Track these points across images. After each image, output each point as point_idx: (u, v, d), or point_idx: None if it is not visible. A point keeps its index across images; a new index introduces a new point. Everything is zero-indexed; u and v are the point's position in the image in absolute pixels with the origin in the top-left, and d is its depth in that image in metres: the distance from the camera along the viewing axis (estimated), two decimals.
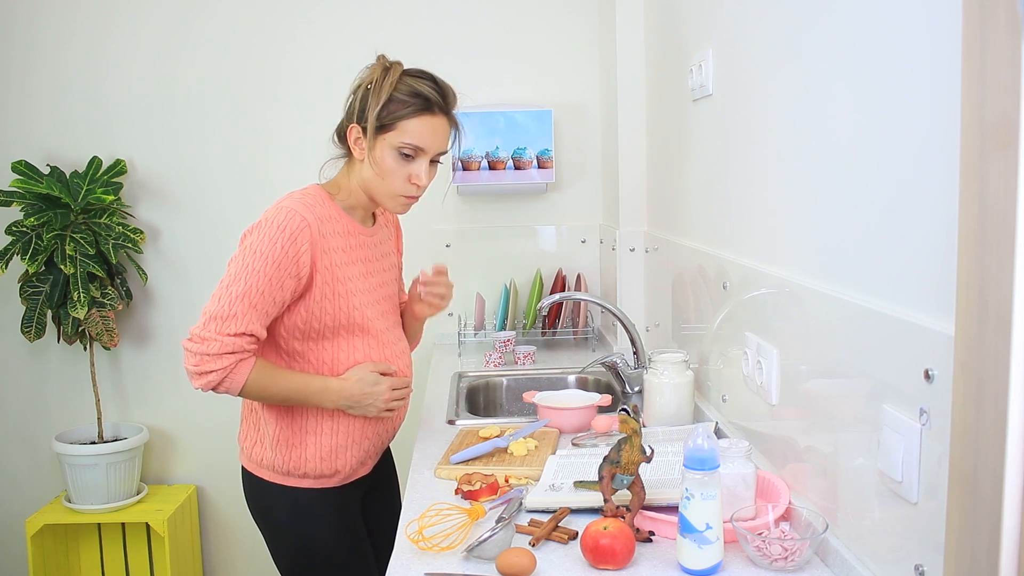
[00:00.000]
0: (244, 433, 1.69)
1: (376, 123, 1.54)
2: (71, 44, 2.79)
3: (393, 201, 1.62)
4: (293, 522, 1.65)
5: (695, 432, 1.19)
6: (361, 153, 1.59)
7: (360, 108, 1.57)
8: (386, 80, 1.54)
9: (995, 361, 0.72)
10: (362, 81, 1.59)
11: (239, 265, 1.52)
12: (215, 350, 1.47)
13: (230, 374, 1.49)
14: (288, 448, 1.61)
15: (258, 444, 1.65)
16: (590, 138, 2.88)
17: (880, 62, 1.05)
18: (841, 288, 1.16)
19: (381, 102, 1.54)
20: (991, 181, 0.72)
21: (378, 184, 1.60)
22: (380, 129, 1.55)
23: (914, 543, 0.97)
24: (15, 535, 2.92)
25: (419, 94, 1.55)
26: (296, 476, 1.63)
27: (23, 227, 2.61)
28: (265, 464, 1.64)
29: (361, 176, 1.62)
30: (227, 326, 1.48)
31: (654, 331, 2.37)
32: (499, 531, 1.23)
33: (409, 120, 1.55)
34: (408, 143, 1.56)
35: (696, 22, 1.89)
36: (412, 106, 1.55)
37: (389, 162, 1.57)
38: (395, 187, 1.59)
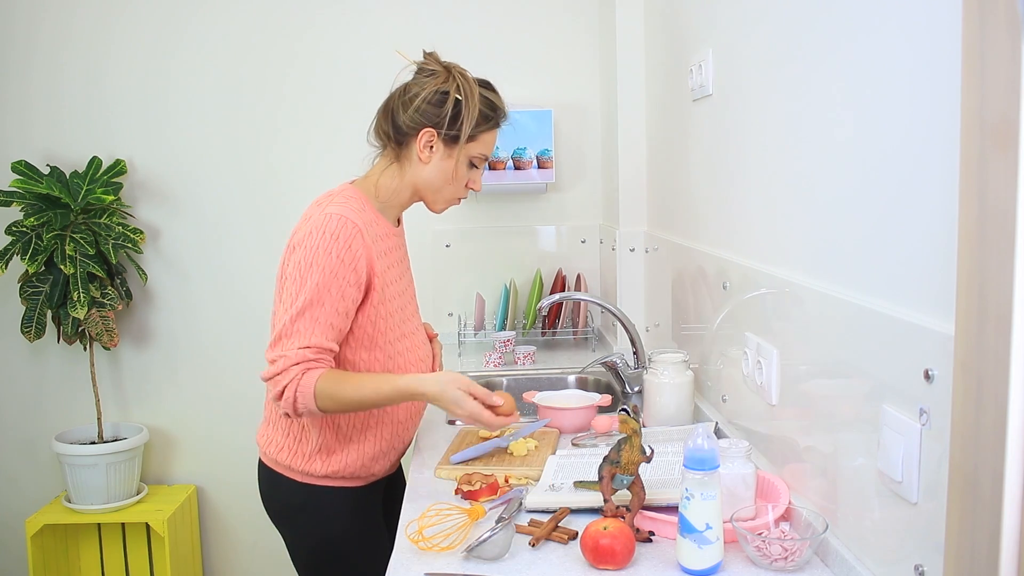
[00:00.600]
0: (269, 437, 1.66)
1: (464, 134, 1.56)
2: (71, 44, 2.79)
3: (446, 204, 1.66)
4: (315, 520, 1.64)
5: (695, 432, 1.19)
6: (429, 157, 1.59)
7: (451, 119, 1.56)
8: (473, 94, 1.57)
9: (995, 361, 0.72)
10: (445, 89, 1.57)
11: (296, 281, 1.49)
12: (281, 366, 1.46)
13: (299, 386, 1.45)
14: (328, 455, 1.61)
15: (286, 449, 1.62)
16: (590, 138, 2.88)
17: (880, 62, 1.05)
18: (841, 288, 1.16)
19: (475, 116, 1.57)
20: (991, 181, 0.72)
21: (439, 188, 1.62)
22: (455, 140, 1.58)
23: (914, 543, 0.97)
24: (15, 535, 2.92)
25: (497, 108, 1.62)
26: (326, 478, 1.62)
27: (23, 227, 2.61)
28: (296, 468, 1.62)
29: (420, 177, 1.61)
30: (291, 344, 1.47)
31: (654, 331, 2.37)
32: (499, 531, 1.23)
33: (488, 133, 1.62)
34: (483, 154, 1.62)
35: (696, 22, 1.89)
36: (492, 120, 1.61)
37: (462, 170, 1.61)
38: (456, 191, 1.64)
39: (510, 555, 1.25)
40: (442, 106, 1.56)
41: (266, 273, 2.84)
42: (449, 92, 1.57)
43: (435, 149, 1.58)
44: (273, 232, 2.86)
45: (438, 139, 1.58)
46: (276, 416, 1.65)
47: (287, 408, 1.46)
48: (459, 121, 1.56)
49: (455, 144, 1.58)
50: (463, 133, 1.56)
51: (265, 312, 2.97)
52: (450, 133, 1.57)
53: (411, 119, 1.58)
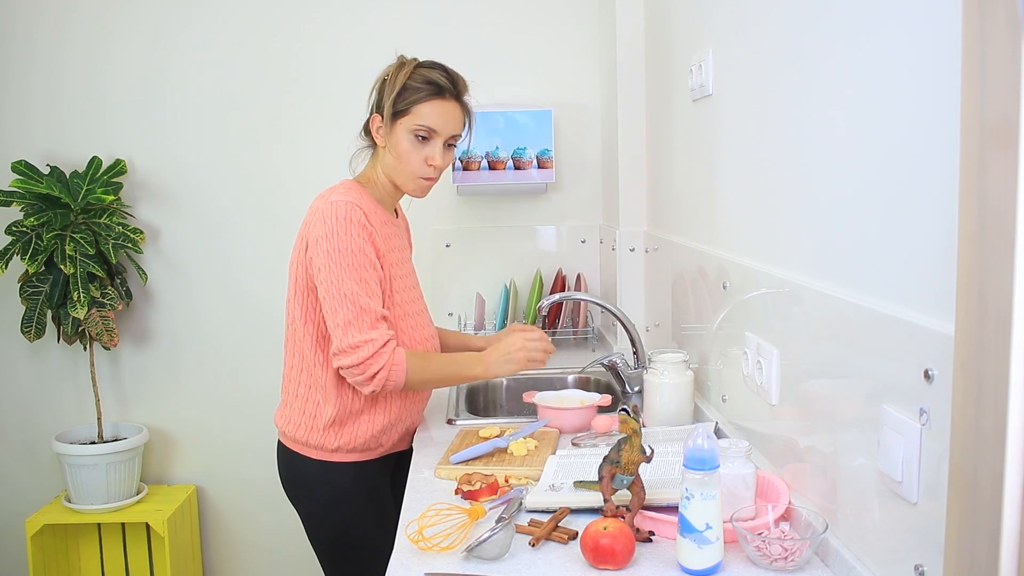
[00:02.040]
0: (287, 417, 1.75)
1: (392, 109, 1.68)
2: (71, 44, 2.79)
3: (413, 183, 1.74)
4: (329, 496, 1.73)
5: (695, 432, 1.19)
6: (382, 140, 1.72)
7: (379, 98, 1.72)
8: (401, 71, 1.69)
9: (995, 361, 0.72)
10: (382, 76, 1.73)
11: (334, 271, 1.60)
12: (370, 350, 1.58)
13: (393, 366, 1.59)
14: (340, 426, 1.71)
15: (303, 426, 1.72)
16: (590, 138, 2.88)
17: (880, 62, 1.05)
18: (841, 288, 1.16)
19: (396, 90, 1.68)
20: (991, 181, 0.72)
21: (398, 167, 1.72)
22: (396, 115, 1.69)
23: (914, 543, 0.97)
24: (15, 535, 2.92)
25: (431, 81, 1.69)
26: (341, 451, 1.71)
27: (23, 227, 2.61)
28: (312, 443, 1.71)
29: (384, 163, 1.74)
30: (363, 322, 1.58)
31: (654, 331, 2.37)
32: (499, 531, 1.23)
33: (422, 104, 1.68)
34: (422, 125, 1.69)
35: (696, 22, 1.89)
36: (424, 91, 1.68)
37: (406, 145, 1.70)
38: (413, 169, 1.71)
39: (510, 555, 1.25)
40: (379, 91, 1.73)
41: (266, 273, 2.85)
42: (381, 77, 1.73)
43: (382, 131, 1.71)
44: (273, 231, 2.87)
45: (382, 121, 1.71)
46: (292, 396, 1.75)
47: (376, 387, 1.59)
48: (382, 97, 1.71)
49: (395, 119, 1.69)
50: (385, 108, 1.69)
51: (265, 312, 2.97)
52: (383, 113, 1.70)
53: (369, 109, 1.76)
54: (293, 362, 1.75)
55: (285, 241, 2.88)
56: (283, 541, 2.92)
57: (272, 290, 2.85)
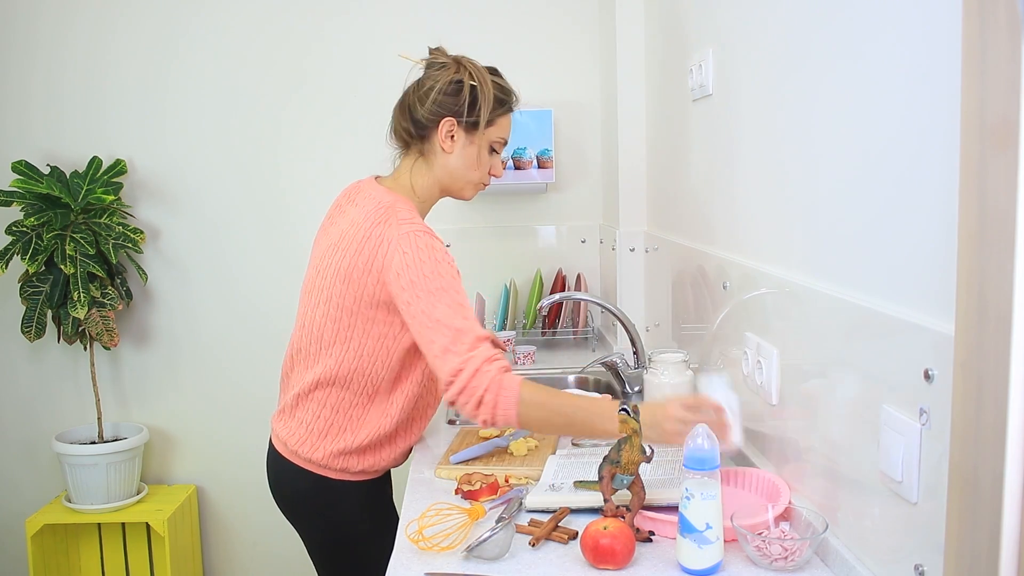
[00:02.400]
0: (298, 436, 1.63)
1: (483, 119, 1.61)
2: (71, 43, 2.79)
3: (471, 189, 1.69)
4: (327, 508, 1.65)
5: (695, 432, 1.19)
6: (451, 146, 1.62)
7: (469, 105, 1.60)
8: (486, 80, 1.62)
9: (995, 361, 0.72)
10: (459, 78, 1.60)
11: (425, 297, 1.46)
12: (471, 369, 1.39)
13: (502, 389, 1.38)
14: (364, 454, 1.62)
15: (320, 449, 1.61)
16: (590, 138, 2.88)
17: (880, 62, 1.05)
18: (841, 288, 1.16)
19: (491, 101, 1.61)
20: (991, 181, 0.72)
21: (464, 175, 1.65)
22: (475, 126, 1.62)
23: (914, 543, 0.97)
24: (15, 535, 2.92)
25: (509, 92, 1.67)
26: (347, 472, 1.63)
27: (23, 227, 2.61)
28: (320, 463, 1.62)
29: (447, 167, 1.64)
30: (463, 343, 1.41)
31: (654, 331, 2.37)
32: (499, 531, 1.23)
33: (504, 117, 1.66)
34: (501, 138, 1.67)
35: (696, 22, 1.89)
36: (506, 104, 1.66)
37: (484, 155, 1.65)
38: (479, 178, 1.67)
39: (510, 555, 1.25)
40: (458, 95, 1.60)
41: (266, 272, 2.85)
42: (463, 80, 1.60)
43: (456, 138, 1.62)
44: (273, 231, 2.87)
45: (458, 127, 1.61)
46: (309, 414, 1.63)
47: (486, 415, 1.39)
48: (476, 107, 1.60)
49: (475, 130, 1.62)
50: (482, 118, 1.61)
51: (266, 312, 2.97)
52: (469, 120, 1.61)
53: (429, 111, 1.61)
54: (320, 384, 1.60)
55: (285, 240, 2.90)
56: (283, 541, 2.91)
57: (273, 290, 2.85)
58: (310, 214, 2.86)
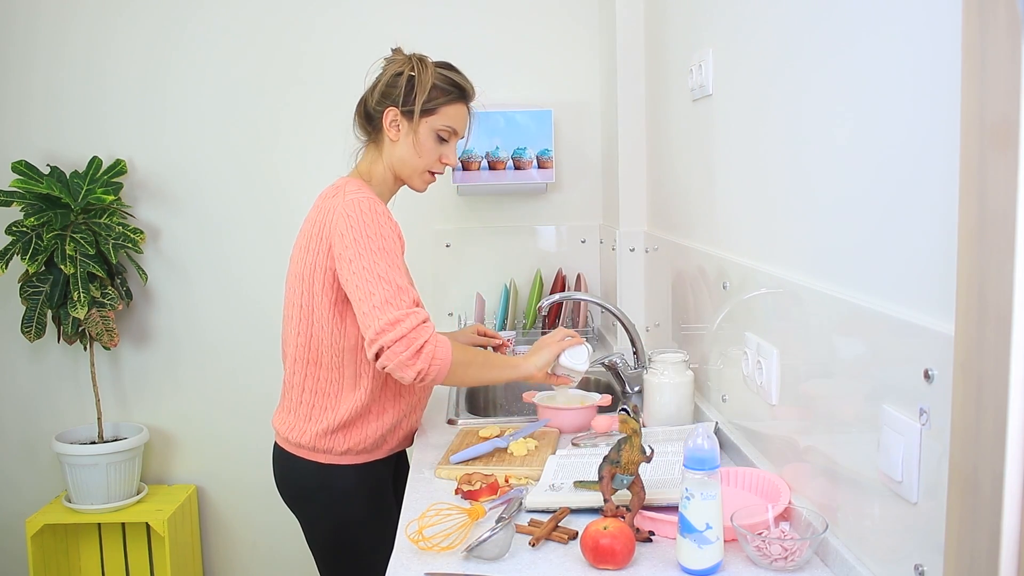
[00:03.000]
0: (289, 423, 1.73)
1: (421, 107, 1.69)
2: (71, 43, 2.79)
3: (421, 178, 1.76)
4: (330, 500, 1.71)
5: (695, 432, 1.19)
6: (397, 135, 1.72)
7: (405, 93, 1.70)
8: (426, 70, 1.71)
9: (995, 361, 0.72)
10: (400, 70, 1.72)
11: (365, 256, 1.54)
12: (414, 322, 1.50)
13: (438, 343, 1.52)
14: (348, 430, 1.69)
15: (308, 432, 1.69)
16: (590, 138, 2.88)
17: (880, 62, 1.05)
18: (841, 288, 1.16)
19: (427, 89, 1.69)
20: (991, 181, 0.72)
21: (413, 162, 1.73)
22: (423, 113, 1.71)
23: (914, 543, 0.97)
24: (15, 535, 2.92)
25: (457, 84, 1.74)
26: (348, 455, 1.70)
27: (23, 227, 2.61)
28: (317, 448, 1.69)
29: (393, 155, 1.74)
30: (404, 300, 1.52)
31: (654, 331, 2.37)
32: (499, 531, 1.23)
33: (448, 107, 1.73)
34: (447, 127, 1.73)
35: (696, 22, 1.89)
36: (451, 94, 1.73)
37: (428, 143, 1.72)
38: (427, 165, 1.74)
39: (510, 555, 1.25)
40: (396, 84, 1.71)
41: (266, 272, 2.85)
42: (403, 71, 1.72)
43: (400, 127, 1.71)
44: (273, 231, 2.87)
45: (401, 116, 1.71)
46: (296, 403, 1.72)
47: (423, 364, 1.49)
48: (412, 95, 1.70)
49: (413, 117, 1.70)
50: (417, 105, 1.69)
51: (266, 312, 2.97)
52: (406, 108, 1.70)
53: (376, 102, 1.73)
54: (296, 368, 1.71)
55: (285, 241, 2.88)
56: (283, 541, 2.92)
57: (273, 290, 2.85)
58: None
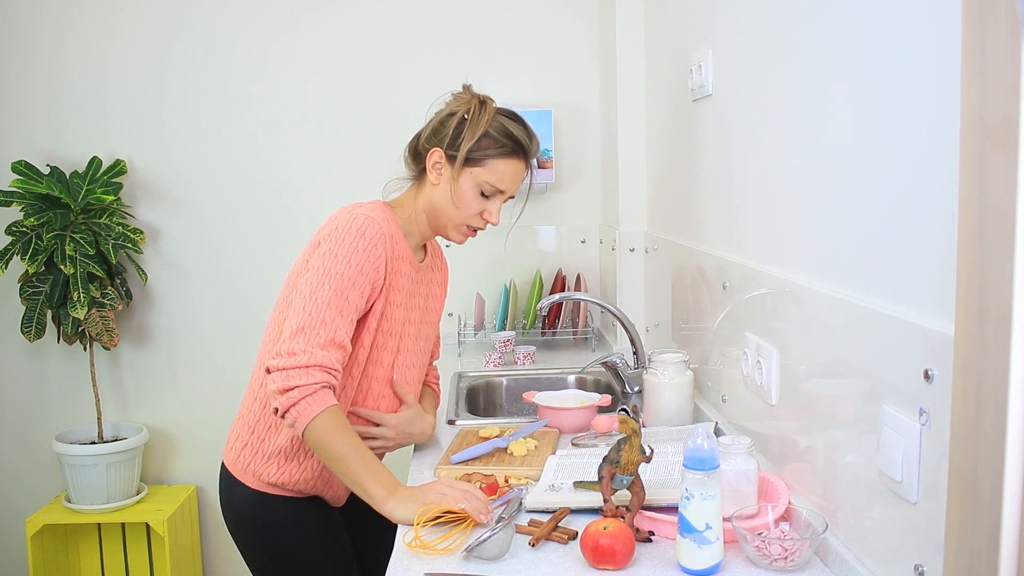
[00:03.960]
0: (236, 432, 1.63)
1: (466, 156, 1.53)
2: (71, 44, 2.79)
3: (456, 231, 1.62)
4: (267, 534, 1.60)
5: (695, 432, 1.19)
6: (438, 178, 1.57)
7: (453, 136, 1.54)
8: (483, 115, 1.54)
9: (995, 361, 0.72)
10: (456, 109, 1.56)
11: (320, 271, 1.45)
12: (303, 362, 1.37)
13: (309, 397, 1.36)
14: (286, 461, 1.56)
15: (249, 447, 1.59)
16: (590, 138, 2.88)
17: (880, 62, 1.05)
18: (841, 288, 1.16)
19: (476, 137, 1.53)
20: (991, 181, 0.72)
21: (449, 211, 1.58)
22: (468, 162, 1.54)
23: (914, 543, 0.97)
24: (15, 535, 2.92)
25: (513, 137, 1.56)
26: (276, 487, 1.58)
27: (23, 227, 2.61)
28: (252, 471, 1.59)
29: (431, 199, 1.59)
30: (316, 336, 1.40)
31: (654, 331, 2.37)
32: (499, 531, 1.23)
33: (498, 160, 1.55)
34: (491, 183, 1.56)
35: (696, 22, 1.89)
36: (504, 147, 1.55)
37: (469, 195, 1.56)
38: (466, 218, 1.59)
39: (510, 555, 1.25)
40: (446, 125, 1.56)
41: (266, 272, 2.85)
42: (458, 111, 1.56)
43: (443, 171, 1.56)
44: (273, 232, 2.87)
45: (445, 160, 1.56)
46: (246, 410, 1.61)
47: (282, 404, 1.37)
48: (460, 140, 1.54)
49: (466, 165, 1.55)
50: (461, 151, 1.53)
51: (265, 312, 2.97)
52: (452, 152, 1.55)
53: (425, 139, 1.59)
54: (259, 373, 1.59)
55: (285, 241, 2.90)
56: None
57: (273, 290, 2.84)
58: (310, 214, 2.86)
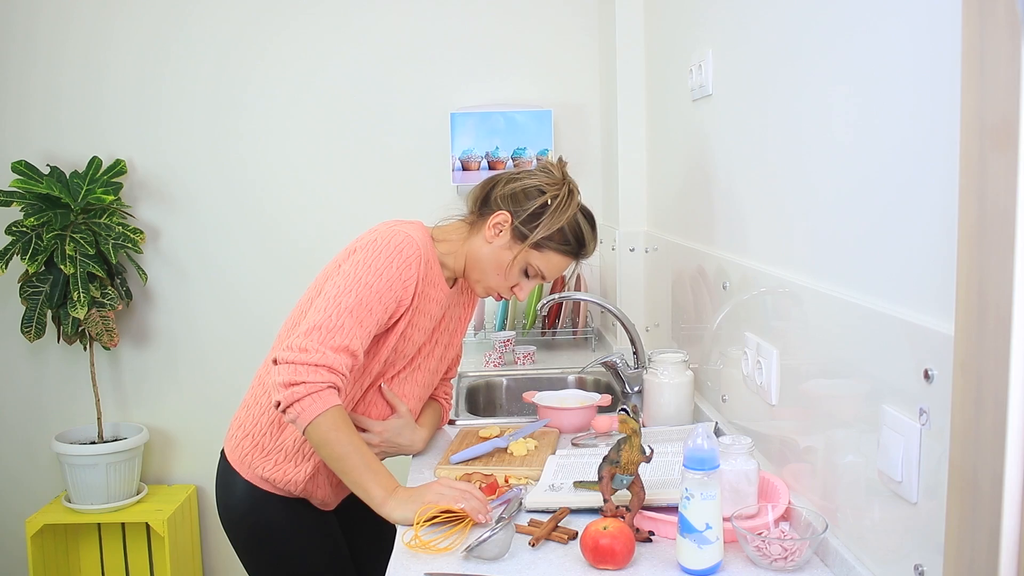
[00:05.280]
0: (239, 420, 1.62)
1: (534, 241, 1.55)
2: (70, 43, 2.79)
3: (486, 291, 1.63)
4: (262, 531, 1.60)
5: (695, 432, 1.19)
6: (493, 239, 1.57)
7: (531, 216, 1.55)
8: (567, 210, 1.55)
9: (995, 361, 0.72)
10: (545, 189, 1.56)
11: (349, 278, 1.45)
12: (313, 360, 1.37)
13: (314, 395, 1.36)
14: (285, 460, 1.55)
15: (250, 438, 1.58)
16: (590, 138, 2.88)
17: (880, 62, 1.05)
18: (841, 288, 1.16)
19: (551, 229, 1.54)
20: (991, 181, 0.72)
21: (489, 274, 1.59)
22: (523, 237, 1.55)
23: (914, 543, 0.97)
24: (15, 535, 2.92)
25: (580, 239, 1.58)
26: (267, 482, 1.57)
27: (23, 227, 2.61)
28: (248, 463, 1.58)
29: (477, 252, 1.59)
30: (332, 338, 1.40)
31: (654, 331, 2.37)
32: (499, 531, 1.23)
33: (557, 255, 1.58)
34: (541, 270, 1.59)
35: (696, 22, 1.89)
36: (568, 246, 1.58)
37: (514, 268, 1.58)
38: (498, 285, 1.60)
39: (510, 555, 1.25)
40: (530, 200, 1.56)
41: (266, 272, 2.85)
42: (546, 192, 1.56)
43: (502, 235, 1.57)
44: (272, 231, 2.87)
45: (508, 227, 1.56)
46: (252, 400, 1.61)
47: (285, 400, 1.37)
48: (537, 221, 1.54)
49: (521, 240, 1.56)
50: (533, 234, 1.54)
51: (265, 311, 2.97)
52: (522, 227, 1.55)
53: (500, 197, 1.58)
54: None
55: (284, 240, 2.90)
56: None
57: (272, 290, 2.85)
58: (309, 214, 2.87)
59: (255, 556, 1.64)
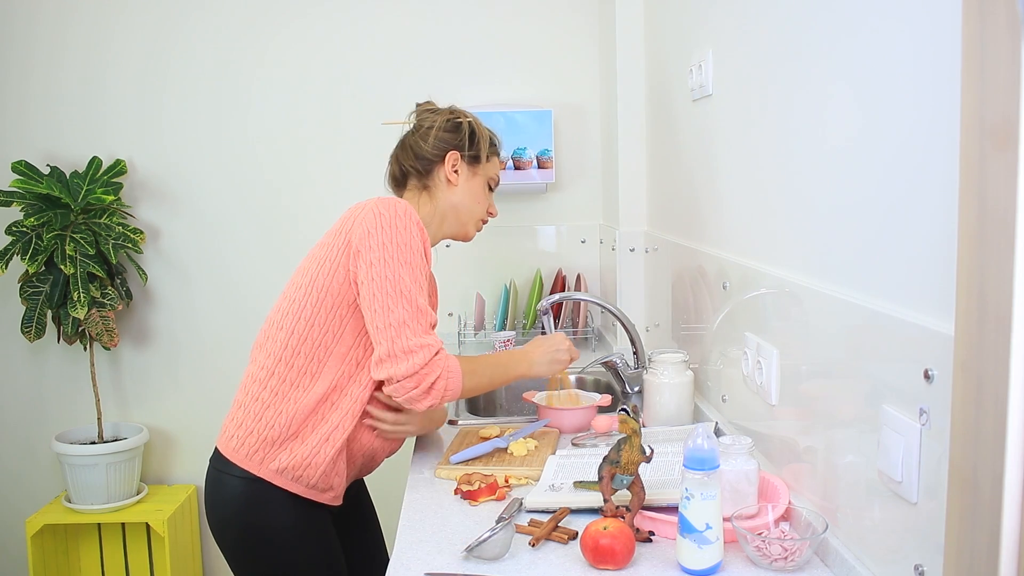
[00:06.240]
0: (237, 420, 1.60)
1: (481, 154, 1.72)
2: (71, 44, 2.79)
3: (476, 226, 1.77)
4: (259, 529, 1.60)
5: (695, 432, 1.19)
6: (456, 178, 1.70)
7: (469, 138, 1.70)
8: (479, 121, 1.75)
9: (995, 361, 0.72)
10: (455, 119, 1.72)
11: (391, 265, 1.46)
12: (426, 356, 1.43)
13: (450, 373, 1.46)
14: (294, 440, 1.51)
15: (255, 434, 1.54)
16: (590, 138, 2.88)
17: (880, 62, 1.05)
18: (841, 288, 1.16)
19: (486, 139, 1.73)
20: (991, 181, 0.72)
21: (471, 207, 1.73)
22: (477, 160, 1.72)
23: (914, 543, 0.97)
24: (15, 535, 2.92)
25: (496, 137, 1.79)
26: (278, 473, 1.53)
27: (23, 227, 2.61)
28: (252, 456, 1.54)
29: (451, 201, 1.71)
30: (421, 323, 1.45)
31: (654, 331, 2.37)
32: (499, 531, 1.23)
33: (495, 157, 1.78)
34: (495, 177, 1.77)
35: (696, 22, 1.89)
36: (495, 146, 1.78)
37: (481, 190, 1.74)
38: (480, 213, 1.75)
39: (510, 555, 1.25)
40: (458, 131, 1.71)
41: (266, 272, 2.85)
42: (460, 119, 1.72)
43: (460, 171, 1.70)
44: (273, 231, 2.87)
45: (462, 161, 1.70)
46: (249, 397, 1.58)
47: (434, 400, 1.45)
48: (476, 140, 1.71)
49: (477, 163, 1.72)
50: (482, 151, 1.71)
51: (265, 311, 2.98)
52: (471, 153, 1.71)
53: (434, 147, 1.70)
54: (267, 363, 1.57)
55: (284, 240, 2.90)
56: None
57: (273, 289, 2.84)
58: (310, 214, 2.87)
59: (245, 555, 1.66)
